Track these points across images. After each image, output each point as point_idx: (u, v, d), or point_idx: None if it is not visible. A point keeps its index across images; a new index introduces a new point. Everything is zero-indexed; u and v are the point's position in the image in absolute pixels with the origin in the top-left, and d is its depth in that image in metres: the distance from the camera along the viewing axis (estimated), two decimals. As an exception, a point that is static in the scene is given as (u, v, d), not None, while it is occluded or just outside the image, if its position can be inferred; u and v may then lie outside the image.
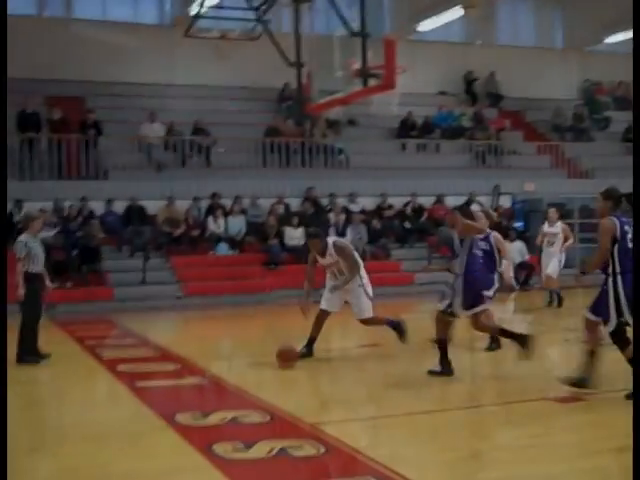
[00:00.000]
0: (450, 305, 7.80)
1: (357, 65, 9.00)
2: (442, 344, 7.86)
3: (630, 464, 5.03)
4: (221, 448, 5.43)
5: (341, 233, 17.62)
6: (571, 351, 9.61)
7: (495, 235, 9.47)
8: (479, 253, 8.89)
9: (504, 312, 15.04)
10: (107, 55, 20.48)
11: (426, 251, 18.11)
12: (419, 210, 19.37)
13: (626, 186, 22.18)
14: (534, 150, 22.94)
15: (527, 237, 19.93)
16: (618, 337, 6.65)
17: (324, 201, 18.82)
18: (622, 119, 25.01)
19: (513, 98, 25.05)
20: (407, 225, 19.08)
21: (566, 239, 13.43)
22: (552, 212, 13.77)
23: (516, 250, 18.35)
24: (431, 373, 7.76)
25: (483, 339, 9.29)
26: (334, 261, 8.74)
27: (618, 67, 26.58)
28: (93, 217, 16.77)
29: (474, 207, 19.54)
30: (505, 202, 20.51)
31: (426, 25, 22.95)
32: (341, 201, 18.86)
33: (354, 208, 18.81)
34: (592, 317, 6.85)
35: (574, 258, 21.76)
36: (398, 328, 9.11)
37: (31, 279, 9.11)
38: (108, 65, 20.45)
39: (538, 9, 27.08)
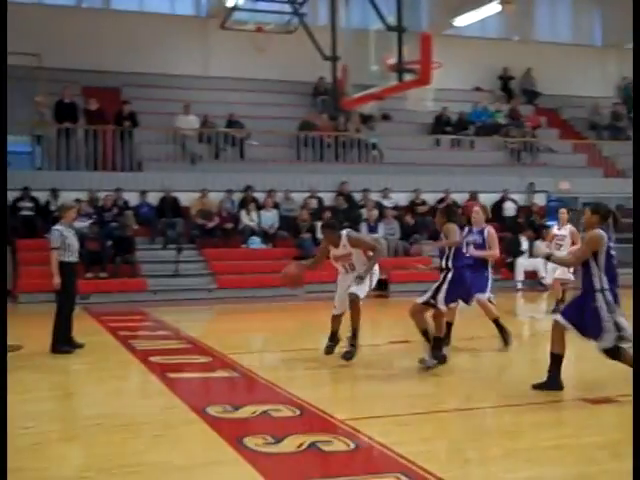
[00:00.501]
0: (433, 297, 7.89)
1: (393, 60, 8.95)
2: (426, 335, 7.97)
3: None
4: (251, 441, 5.47)
5: (373, 228, 17.61)
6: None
7: (490, 230, 9.54)
8: (470, 246, 9.06)
9: (537, 311, 14.99)
10: (143, 46, 20.71)
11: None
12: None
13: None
14: (570, 148, 22.73)
15: (561, 236, 19.79)
16: (612, 353, 6.67)
17: (357, 196, 18.80)
18: (661, 118, 24.71)
19: (550, 95, 24.83)
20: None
21: (573, 243, 12.48)
22: (563, 213, 12.91)
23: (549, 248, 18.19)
24: (428, 368, 7.85)
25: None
26: (347, 253, 8.53)
27: (658, 64, 26.22)
28: (127, 208, 16.92)
29: (508, 204, 19.52)
30: (539, 200, 20.35)
31: (463, 20, 22.79)
32: (374, 196, 18.83)
33: (387, 204, 18.77)
34: (563, 321, 6.87)
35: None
36: (354, 343, 8.40)
37: (66, 268, 9.21)
38: (144, 56, 20.66)
39: (576, 5, 26.79)
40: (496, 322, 9.38)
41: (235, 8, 15.18)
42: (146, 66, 20.63)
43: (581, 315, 6.72)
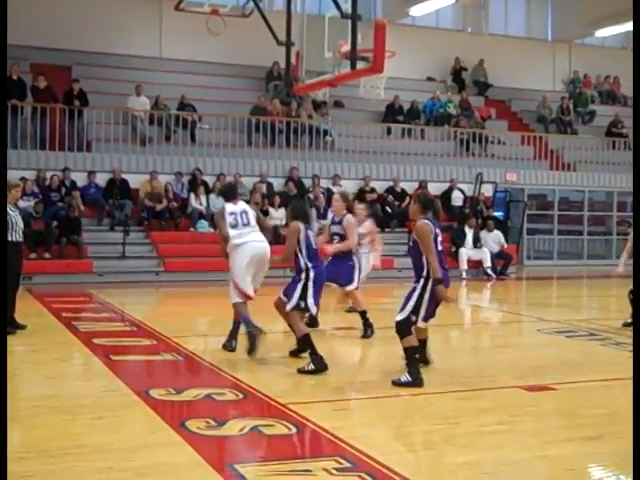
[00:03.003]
0: (303, 299, 7.65)
1: (346, 47, 8.98)
2: (309, 338, 7.67)
3: (595, 452, 5.18)
4: (194, 424, 5.50)
5: (323, 215, 17.64)
6: (542, 340, 9.78)
7: (348, 218, 9.48)
8: (335, 237, 9.27)
9: (479, 300, 15.24)
10: (96, 25, 20.40)
11: (407, 236, 18.17)
12: (402, 195, 19.42)
13: (606, 180, 22.41)
14: (518, 140, 23.06)
15: (507, 227, 20.11)
16: (402, 327, 6.89)
17: (307, 182, 18.81)
18: (607, 113, 25.21)
19: (500, 87, 25.16)
20: (389, 209, 19.14)
21: (372, 241, 11.12)
22: (360, 209, 10.92)
23: (494, 239, 18.49)
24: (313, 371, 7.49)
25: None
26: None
27: (606, 60, 26.81)
28: (75, 188, 16.69)
29: (455, 194, 19.75)
30: (486, 191, 20.62)
31: (418, 10, 22.95)
32: (324, 183, 18.87)
33: (336, 190, 18.79)
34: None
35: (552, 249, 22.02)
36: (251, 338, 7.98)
37: (10, 248, 9.05)
38: (97, 35, 20.36)
39: (529, 0, 27.16)
40: (363, 314, 9.42)
41: (191, -11, 15.04)
42: (98, 45, 20.32)
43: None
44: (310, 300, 7.67)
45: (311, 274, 7.69)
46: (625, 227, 21.55)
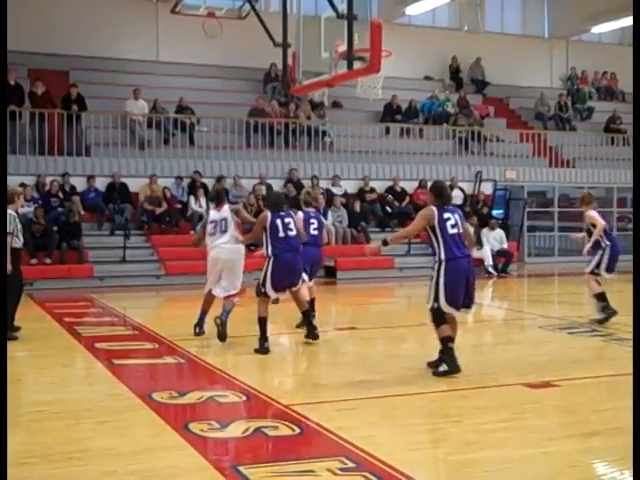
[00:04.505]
0: (263, 284, 8.17)
1: (343, 47, 8.99)
2: (263, 322, 8.23)
3: (597, 448, 5.19)
4: (197, 427, 5.52)
5: (323, 216, 17.64)
6: (543, 337, 9.79)
7: (297, 216, 9.65)
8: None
9: (481, 298, 15.23)
10: (93, 30, 20.39)
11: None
12: (402, 194, 19.43)
13: (605, 176, 22.41)
14: (517, 138, 23.06)
15: (507, 225, 20.12)
16: (434, 316, 7.04)
17: (307, 183, 18.80)
18: (605, 109, 25.21)
19: (498, 85, 25.17)
20: (388, 209, 19.14)
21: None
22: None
23: (496, 238, 18.50)
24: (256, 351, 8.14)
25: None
26: None
27: (603, 57, 26.80)
28: (74, 193, 16.70)
29: (455, 193, 19.74)
30: (486, 189, 20.62)
31: (414, 9, 22.94)
32: (323, 183, 18.87)
33: (336, 191, 18.83)
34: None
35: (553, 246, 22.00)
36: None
37: (14, 254, 9.07)
38: (93, 40, 20.36)
39: (525, -3, 27.22)
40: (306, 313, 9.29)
41: (187, -8, 15.09)
42: (95, 49, 20.32)
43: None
44: (268, 285, 8.11)
45: (270, 261, 8.16)
46: (625, 223, 21.57)
